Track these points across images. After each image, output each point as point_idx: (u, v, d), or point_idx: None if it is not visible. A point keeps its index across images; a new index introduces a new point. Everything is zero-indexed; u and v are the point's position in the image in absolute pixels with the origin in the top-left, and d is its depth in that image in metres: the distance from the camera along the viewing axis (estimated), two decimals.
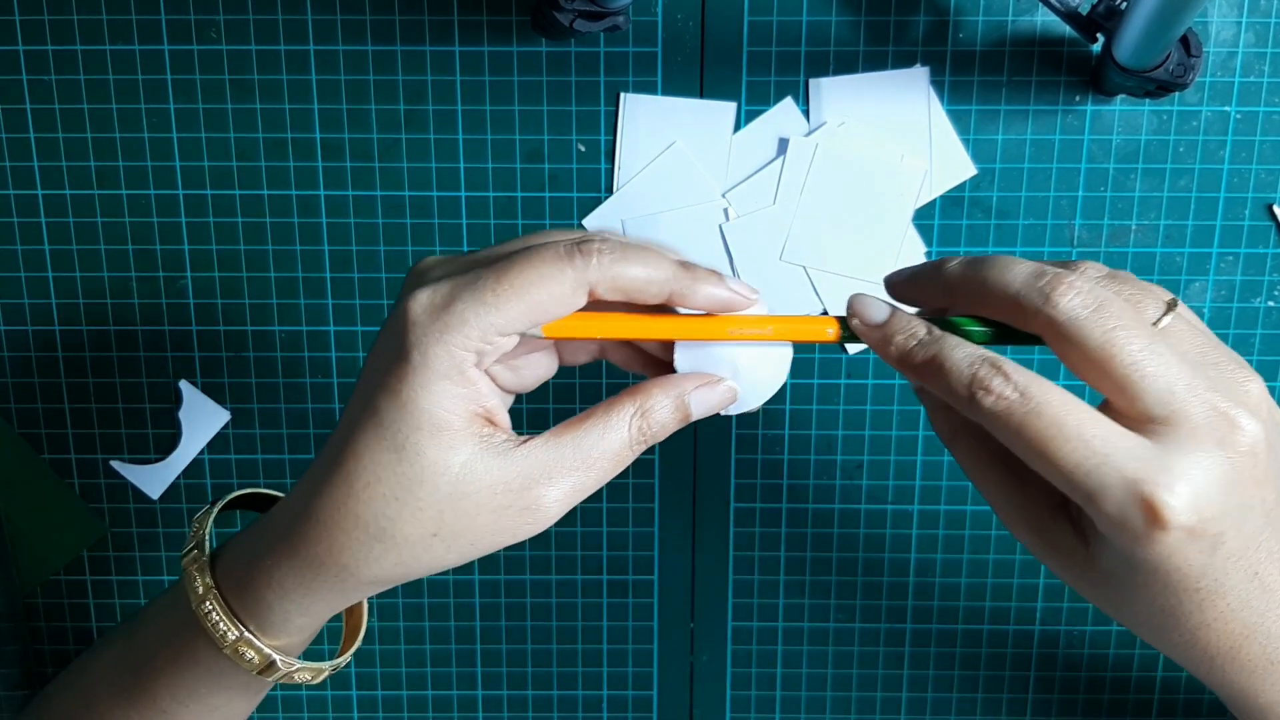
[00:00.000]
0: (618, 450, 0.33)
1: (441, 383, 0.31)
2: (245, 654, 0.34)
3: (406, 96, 0.48)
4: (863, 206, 0.48)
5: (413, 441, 0.31)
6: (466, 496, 0.31)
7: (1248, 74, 0.47)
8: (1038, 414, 0.29)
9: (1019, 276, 0.31)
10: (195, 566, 0.35)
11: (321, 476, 0.32)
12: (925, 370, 0.32)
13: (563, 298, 0.31)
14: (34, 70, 0.48)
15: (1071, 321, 0.30)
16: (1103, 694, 0.54)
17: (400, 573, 0.32)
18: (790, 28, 0.47)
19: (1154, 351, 0.29)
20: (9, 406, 0.51)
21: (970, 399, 0.30)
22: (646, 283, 0.32)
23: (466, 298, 0.31)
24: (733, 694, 0.55)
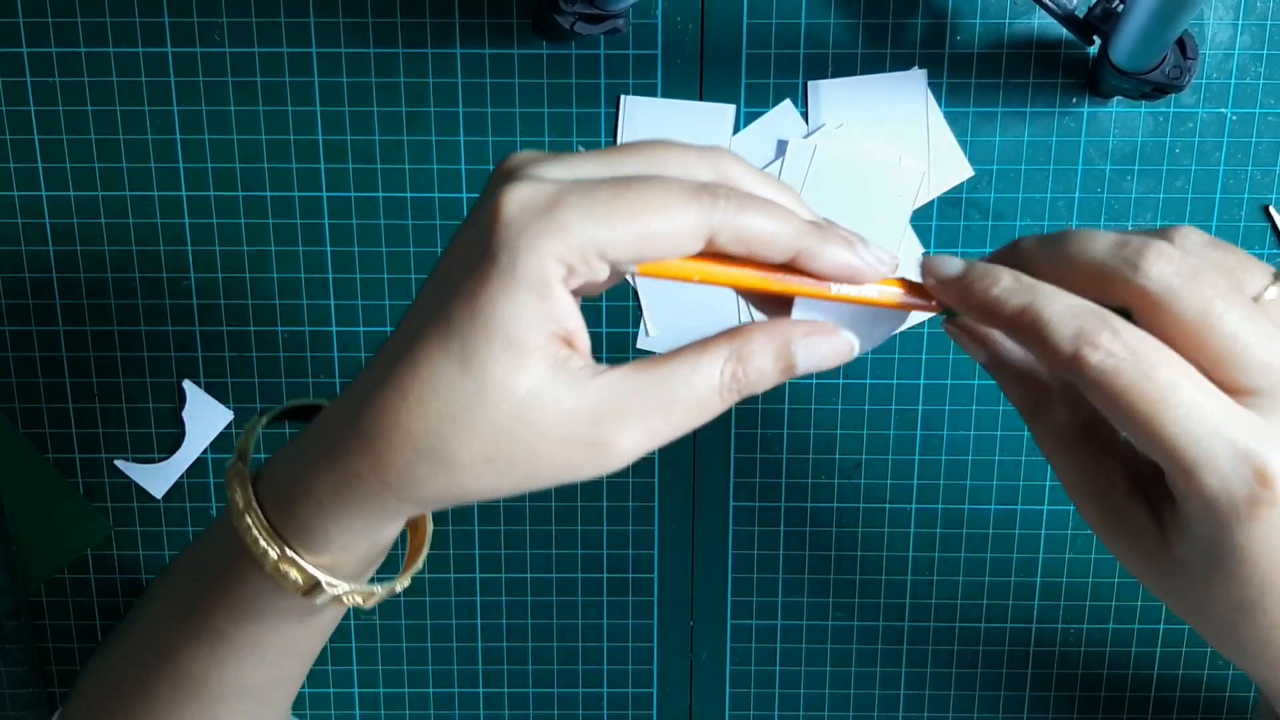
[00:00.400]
0: (704, 396, 0.29)
1: (525, 293, 0.27)
2: (288, 573, 0.31)
3: (408, 98, 0.48)
4: (861, 208, 0.49)
5: (480, 355, 0.27)
6: (529, 424, 0.28)
7: (1243, 76, 0.48)
8: (1149, 376, 0.27)
9: (1103, 245, 0.29)
10: (237, 480, 0.32)
11: (373, 384, 0.29)
12: (1018, 322, 0.28)
13: (679, 238, 0.28)
14: (38, 73, 0.48)
15: (1165, 291, 0.27)
16: (1099, 691, 0.54)
17: (448, 496, 0.29)
18: (789, 30, 0.48)
19: (1255, 323, 0.27)
20: (13, 406, 0.51)
21: (1074, 356, 0.27)
22: (773, 237, 0.28)
23: (575, 204, 0.27)
24: (732, 691, 0.55)
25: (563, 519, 0.53)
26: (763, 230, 0.28)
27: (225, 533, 0.34)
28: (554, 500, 0.52)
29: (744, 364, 0.29)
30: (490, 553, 0.53)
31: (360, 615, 0.54)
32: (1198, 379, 0.27)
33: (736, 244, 0.28)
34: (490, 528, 0.53)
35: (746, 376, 0.29)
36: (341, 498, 0.29)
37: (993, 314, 0.29)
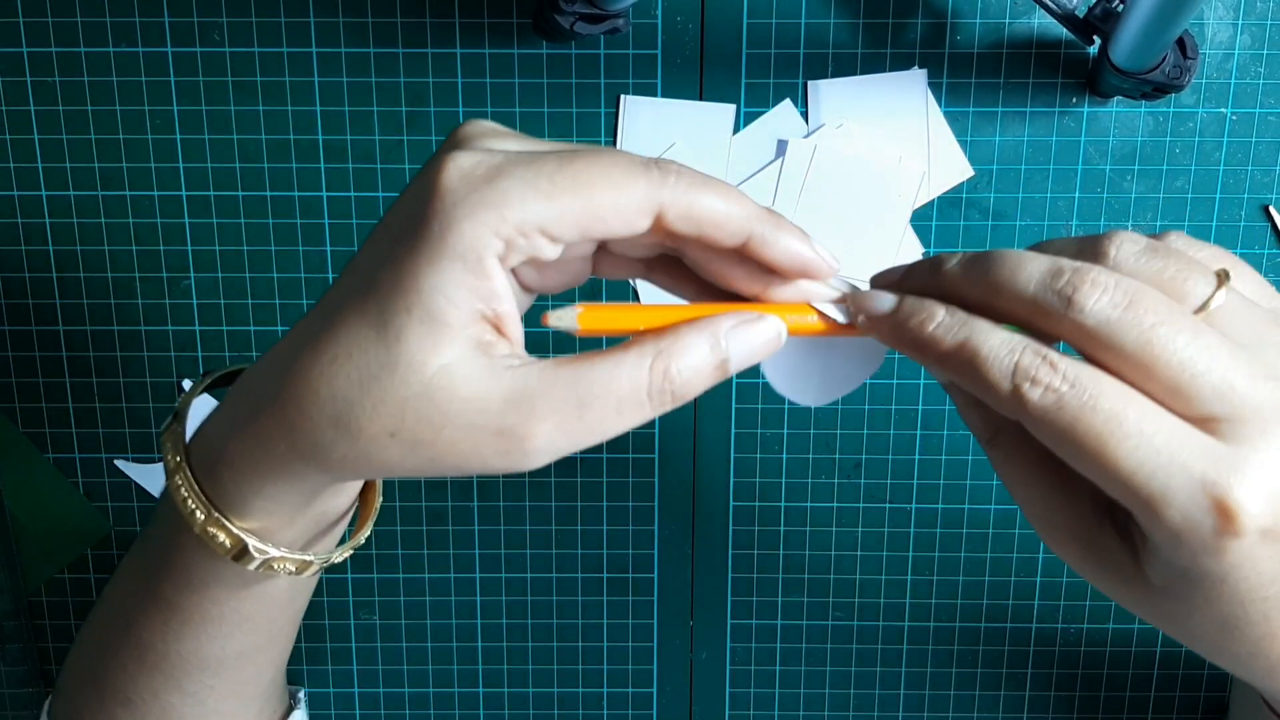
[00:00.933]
0: (625, 396, 0.27)
1: (453, 266, 0.26)
2: (216, 536, 0.30)
3: (409, 98, 0.48)
4: (861, 208, 0.49)
5: (397, 324, 0.26)
6: (434, 403, 0.27)
7: (1243, 76, 0.48)
8: (1093, 408, 0.25)
9: (1033, 277, 0.27)
10: (170, 440, 0.31)
11: (295, 342, 0.28)
12: (953, 360, 0.27)
13: (626, 211, 0.27)
14: (38, 72, 0.48)
15: (1103, 325, 0.26)
16: (1099, 691, 0.54)
17: (353, 466, 0.28)
18: (789, 30, 0.48)
19: (1203, 345, 0.25)
20: (13, 405, 0.51)
21: (1013, 393, 0.26)
22: (725, 218, 0.27)
23: (518, 175, 0.26)
24: (732, 691, 0.55)
25: (563, 519, 0.53)
26: (714, 209, 0.27)
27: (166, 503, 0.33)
28: (554, 500, 0.52)
29: (674, 361, 0.28)
30: (490, 552, 0.53)
31: (360, 614, 0.54)
32: (1147, 408, 0.26)
33: (686, 222, 0.27)
34: (490, 527, 0.53)
35: (680, 375, 0.28)
36: (256, 462, 0.29)
37: (926, 352, 0.28)
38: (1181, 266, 0.27)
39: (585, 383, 0.27)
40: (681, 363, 0.28)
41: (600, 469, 0.52)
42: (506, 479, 0.52)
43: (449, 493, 0.52)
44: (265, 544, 0.31)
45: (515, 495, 0.52)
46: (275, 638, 0.38)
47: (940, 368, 0.28)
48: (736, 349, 0.28)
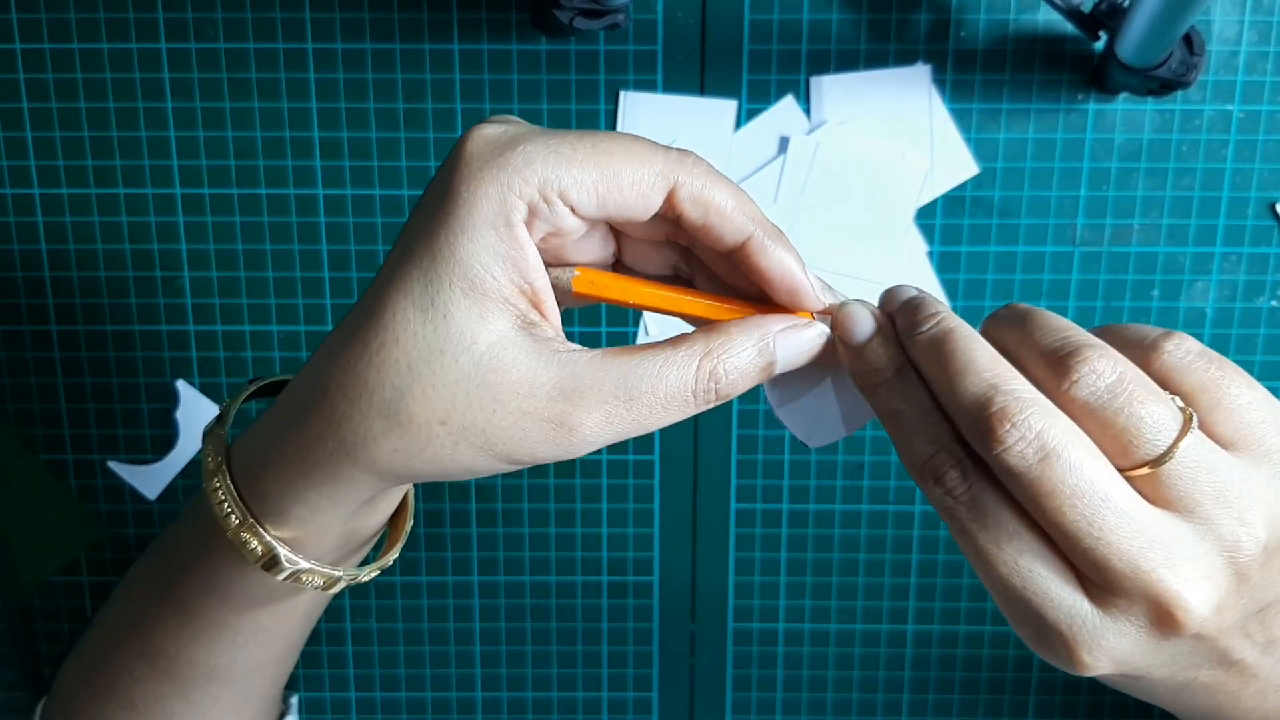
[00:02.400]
0: (672, 392, 0.28)
1: (486, 231, 0.26)
2: (248, 542, 0.30)
3: (405, 95, 0.48)
4: (864, 205, 0.48)
5: (442, 299, 0.27)
6: (486, 385, 0.27)
7: (1251, 73, 0.47)
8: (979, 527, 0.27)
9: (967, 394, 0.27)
10: (211, 441, 0.31)
11: (340, 336, 0.28)
12: (885, 419, 0.29)
13: (642, 184, 0.27)
14: (31, 69, 0.48)
15: (1010, 470, 0.26)
16: (1104, 695, 0.54)
17: (401, 463, 0.28)
18: (791, 25, 0.47)
19: (1099, 520, 0.25)
20: (5, 406, 0.51)
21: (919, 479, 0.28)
22: (732, 211, 0.28)
23: (539, 141, 0.27)
24: (733, 696, 0.54)
25: (562, 521, 0.52)
26: (724, 202, 0.28)
27: (198, 507, 0.33)
28: (553, 502, 0.52)
29: (723, 361, 0.28)
30: (488, 555, 0.53)
31: (357, 619, 0.53)
32: (1025, 548, 0.26)
33: (695, 205, 0.28)
34: (488, 530, 0.52)
35: (726, 375, 0.28)
36: (301, 463, 0.29)
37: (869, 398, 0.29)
38: (1140, 412, 0.26)
39: (634, 378, 0.28)
40: (729, 363, 0.28)
41: (600, 471, 0.52)
42: (505, 479, 0.52)
43: (446, 495, 0.52)
44: (296, 555, 0.31)
45: (513, 498, 0.52)
46: (285, 654, 0.38)
47: (878, 414, 0.29)
48: (784, 352, 0.29)
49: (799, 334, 0.29)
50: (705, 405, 0.29)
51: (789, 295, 0.29)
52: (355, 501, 0.30)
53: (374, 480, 0.29)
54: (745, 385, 0.29)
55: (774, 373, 0.29)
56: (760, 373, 0.29)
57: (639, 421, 0.28)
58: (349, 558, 0.33)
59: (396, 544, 0.35)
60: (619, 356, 0.28)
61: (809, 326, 0.30)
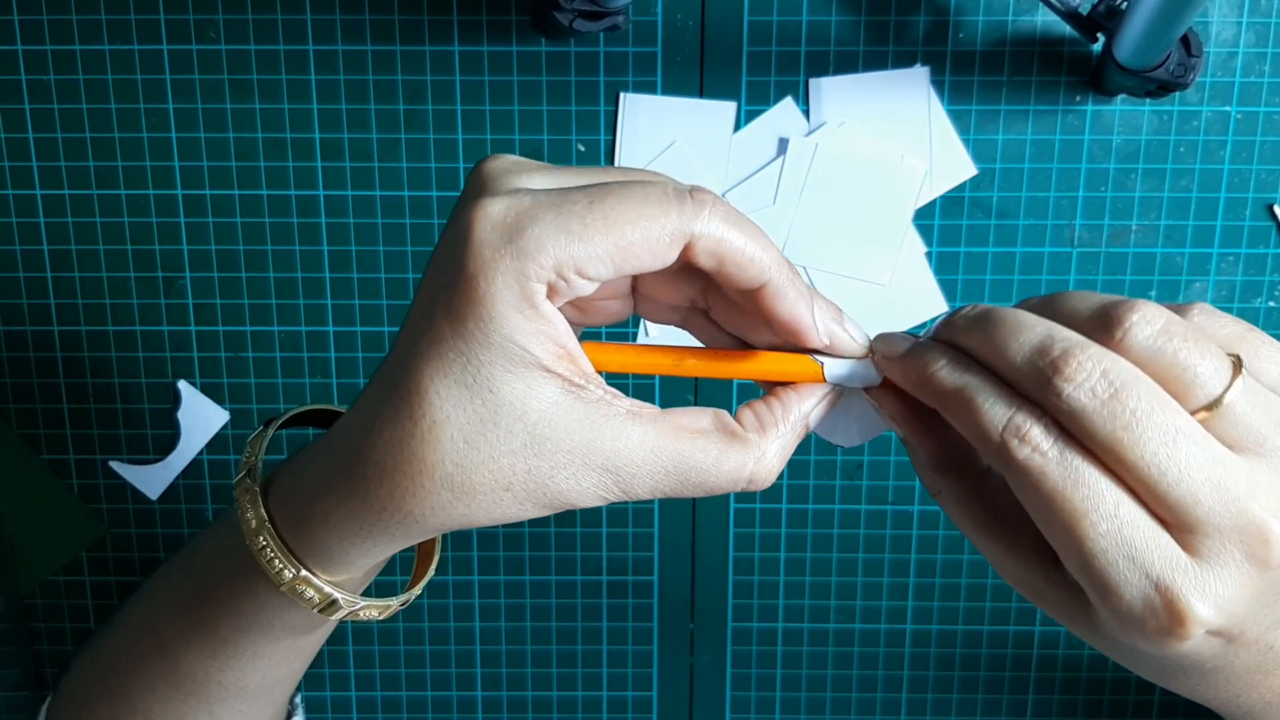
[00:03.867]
0: (720, 486, 0.29)
1: (512, 316, 0.26)
2: (304, 592, 0.31)
3: (406, 96, 0.48)
4: (863, 206, 0.48)
5: (484, 376, 0.27)
6: (542, 454, 0.27)
7: (1248, 74, 0.47)
8: (1074, 483, 0.26)
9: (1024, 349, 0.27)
10: (247, 498, 0.31)
11: (379, 410, 0.28)
12: (951, 402, 0.28)
13: (657, 244, 0.27)
14: (33, 70, 0.48)
15: (1077, 413, 0.26)
16: (1103, 694, 0.54)
17: (469, 522, 0.29)
18: (790, 27, 0.47)
19: (1178, 453, 0.25)
20: (8, 407, 0.51)
21: (1001, 445, 0.27)
22: (749, 260, 0.28)
23: (547, 221, 0.26)
24: (733, 695, 0.55)
25: (562, 521, 0.52)
26: (742, 249, 0.28)
27: (230, 544, 0.33)
28: None
29: (768, 465, 0.30)
30: (488, 555, 0.53)
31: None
32: (1123, 499, 0.26)
33: (710, 257, 0.28)
34: (488, 530, 0.52)
35: (771, 472, 0.30)
36: (365, 526, 0.29)
37: (927, 390, 0.29)
38: (1194, 356, 0.26)
39: (686, 467, 0.29)
40: (772, 463, 0.30)
41: None
42: None
43: None
44: (352, 596, 0.32)
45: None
46: (308, 662, 0.39)
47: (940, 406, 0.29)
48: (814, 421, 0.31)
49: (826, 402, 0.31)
50: (748, 491, 0.30)
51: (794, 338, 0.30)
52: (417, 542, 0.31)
53: (441, 532, 0.30)
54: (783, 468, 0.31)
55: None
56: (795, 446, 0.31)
57: (683, 494, 0.29)
58: (372, 575, 0.34)
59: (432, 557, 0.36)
60: (671, 438, 0.28)
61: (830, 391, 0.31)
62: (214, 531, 0.35)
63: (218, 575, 0.34)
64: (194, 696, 0.36)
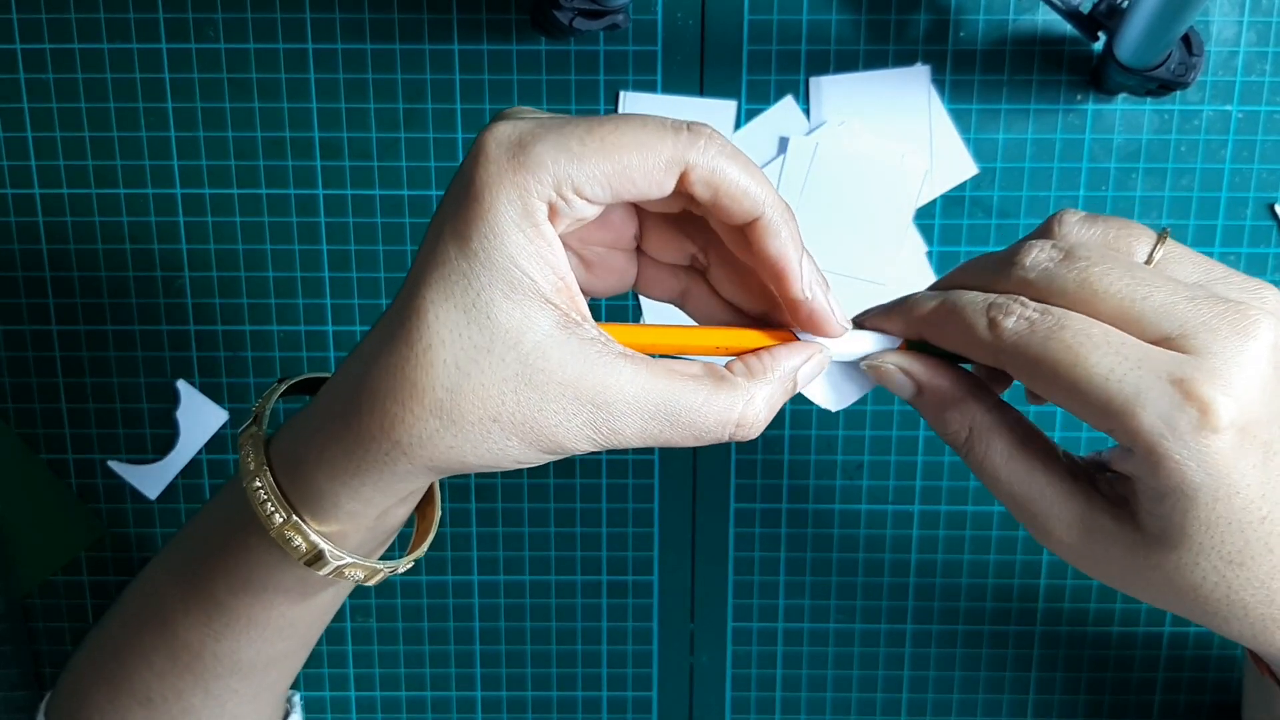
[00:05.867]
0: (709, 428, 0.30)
1: (515, 233, 0.27)
2: (292, 540, 0.31)
3: (405, 95, 0.48)
4: (863, 206, 0.48)
5: (484, 300, 0.27)
6: (533, 385, 0.28)
7: (1249, 73, 0.47)
8: (1061, 327, 0.28)
9: (984, 260, 0.31)
10: (250, 443, 0.32)
11: (380, 339, 0.29)
12: (936, 315, 0.31)
13: (653, 170, 0.28)
14: (31, 69, 0.48)
15: (1042, 278, 0.29)
16: (1104, 695, 0.54)
17: (456, 459, 0.29)
18: (791, 26, 0.47)
19: (1135, 277, 0.28)
20: (6, 406, 0.51)
21: (990, 327, 0.29)
22: (743, 191, 0.29)
23: (550, 139, 0.27)
24: (733, 695, 0.54)
25: (561, 521, 0.52)
26: (736, 181, 0.29)
27: (231, 502, 0.34)
28: (553, 502, 0.52)
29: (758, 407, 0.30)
30: (488, 555, 0.53)
31: (356, 618, 0.53)
32: (1109, 328, 0.28)
33: (705, 188, 0.29)
34: (488, 530, 0.52)
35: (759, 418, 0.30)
36: (354, 460, 0.29)
37: (912, 315, 0.31)
38: (1121, 227, 0.30)
39: (676, 406, 0.29)
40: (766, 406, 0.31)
41: (599, 471, 0.52)
42: (505, 479, 0.52)
43: (447, 495, 0.52)
44: (340, 550, 0.31)
45: (513, 497, 0.52)
46: (305, 645, 0.38)
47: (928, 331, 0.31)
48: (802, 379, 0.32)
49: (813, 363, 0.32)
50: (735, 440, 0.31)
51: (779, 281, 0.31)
52: (406, 492, 0.31)
53: (429, 473, 0.30)
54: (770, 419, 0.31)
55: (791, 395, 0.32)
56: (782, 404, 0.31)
57: (672, 441, 0.30)
58: (375, 551, 0.34)
59: (428, 534, 0.36)
60: (664, 379, 0.29)
61: (820, 353, 0.32)
62: (216, 499, 0.35)
63: (215, 535, 0.34)
64: (190, 671, 0.36)
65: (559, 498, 0.52)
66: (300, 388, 0.35)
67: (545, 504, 0.52)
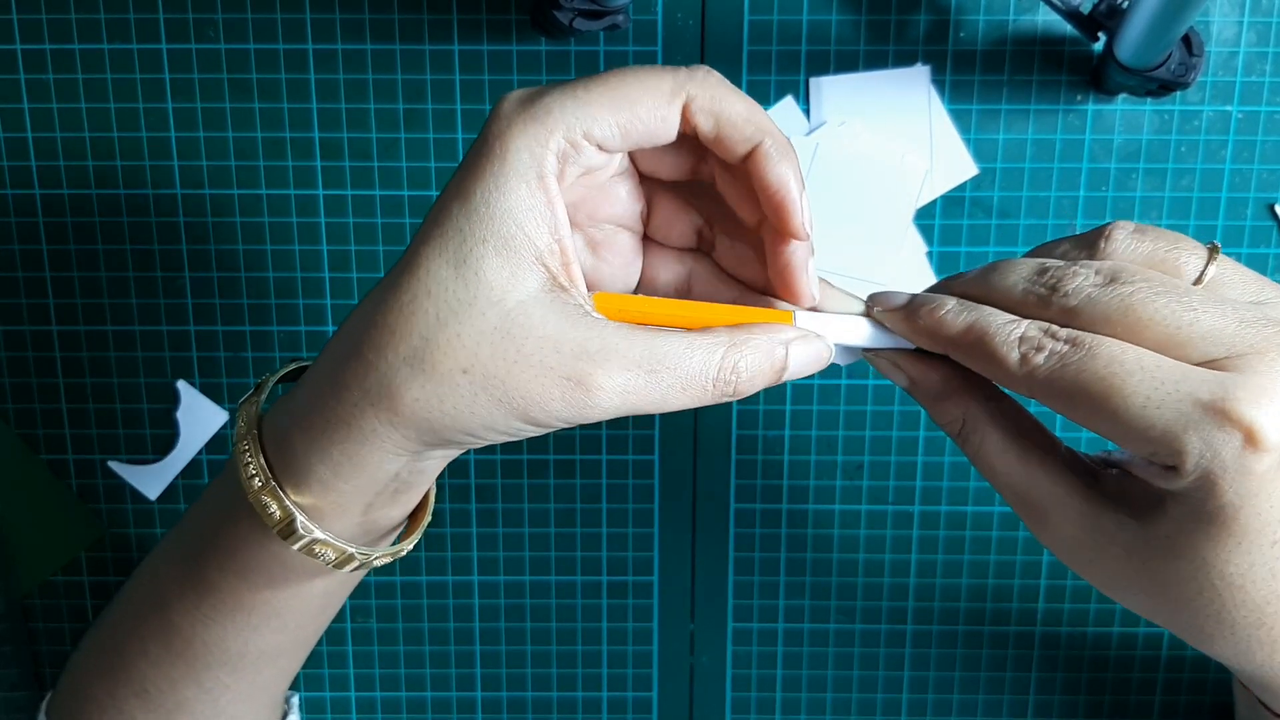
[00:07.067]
0: (694, 375, 0.29)
1: (518, 184, 0.28)
2: (268, 506, 0.31)
3: (405, 95, 0.48)
4: (864, 206, 0.48)
5: (475, 255, 0.28)
6: (510, 338, 0.28)
7: (1249, 73, 0.47)
8: (1093, 356, 0.27)
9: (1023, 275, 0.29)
10: (244, 408, 0.32)
11: (373, 296, 0.29)
12: (964, 340, 0.29)
13: (656, 104, 0.29)
14: (31, 69, 0.48)
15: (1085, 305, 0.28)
16: (1104, 695, 0.54)
17: (421, 413, 0.28)
18: (791, 26, 0.47)
19: (1181, 300, 0.27)
20: (6, 406, 0.51)
21: (1022, 361, 0.28)
22: (744, 119, 0.30)
23: (557, 91, 0.29)
24: (733, 695, 0.54)
25: (561, 521, 0.52)
26: (736, 108, 0.30)
27: (226, 478, 0.34)
28: (553, 503, 0.52)
29: (744, 357, 0.30)
30: (488, 555, 0.53)
31: (356, 618, 0.53)
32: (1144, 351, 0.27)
33: (706, 118, 0.29)
34: (488, 530, 0.52)
35: (746, 371, 0.30)
36: (328, 418, 0.29)
37: (938, 335, 0.30)
38: (1172, 244, 0.29)
39: (660, 351, 0.29)
40: (749, 359, 0.30)
41: (599, 471, 0.52)
42: (505, 479, 0.52)
43: (446, 495, 0.52)
44: (313, 524, 0.31)
45: (513, 498, 0.52)
46: (298, 644, 0.38)
47: (953, 350, 0.30)
48: (795, 359, 0.31)
49: (809, 344, 0.31)
50: (719, 398, 0.30)
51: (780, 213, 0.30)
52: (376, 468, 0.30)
53: (395, 436, 0.29)
54: (758, 385, 0.30)
55: (783, 378, 0.31)
56: (772, 374, 0.30)
57: (655, 397, 0.29)
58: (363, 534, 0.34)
59: (413, 534, 0.35)
60: (645, 330, 0.29)
61: (818, 339, 0.31)
62: (215, 480, 0.36)
63: (210, 514, 0.34)
64: (182, 659, 0.36)
65: (559, 498, 0.52)
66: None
67: (545, 504, 0.52)
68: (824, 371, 0.50)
